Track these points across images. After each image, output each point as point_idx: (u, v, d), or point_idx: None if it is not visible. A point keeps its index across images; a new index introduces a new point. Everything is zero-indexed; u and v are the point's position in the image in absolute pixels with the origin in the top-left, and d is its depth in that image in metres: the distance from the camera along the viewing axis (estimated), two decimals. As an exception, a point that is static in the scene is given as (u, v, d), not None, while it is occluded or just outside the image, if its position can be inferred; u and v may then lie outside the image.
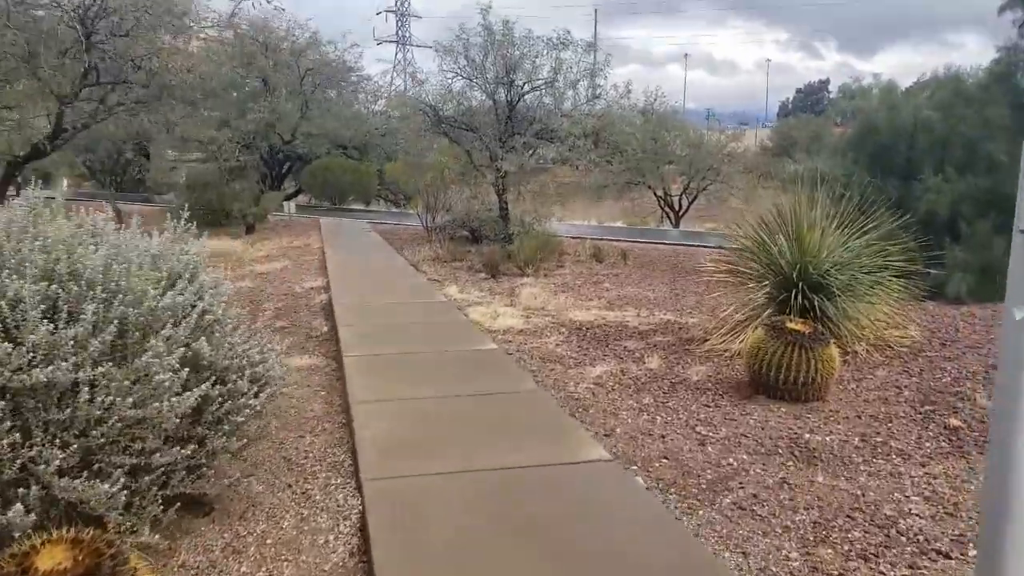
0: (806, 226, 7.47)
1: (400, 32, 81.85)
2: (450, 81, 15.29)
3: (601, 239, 16.62)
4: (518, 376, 6.22)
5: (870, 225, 7.64)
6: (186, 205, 16.03)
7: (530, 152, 15.96)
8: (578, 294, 10.77)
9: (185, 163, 18.23)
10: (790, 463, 4.72)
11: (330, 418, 5.39)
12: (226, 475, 3.77)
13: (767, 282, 7.35)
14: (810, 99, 70.44)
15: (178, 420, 3.13)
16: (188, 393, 3.05)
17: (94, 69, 6.02)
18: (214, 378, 3.33)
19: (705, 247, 16.57)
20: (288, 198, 33.15)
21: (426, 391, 5.67)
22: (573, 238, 16.12)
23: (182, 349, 3.08)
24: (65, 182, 41.86)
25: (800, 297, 6.98)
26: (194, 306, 3.31)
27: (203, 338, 3.22)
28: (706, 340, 7.66)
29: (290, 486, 4.23)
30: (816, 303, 6.94)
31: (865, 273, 7.32)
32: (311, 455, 4.72)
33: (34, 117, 6.43)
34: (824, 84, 74.16)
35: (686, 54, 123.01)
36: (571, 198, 23.10)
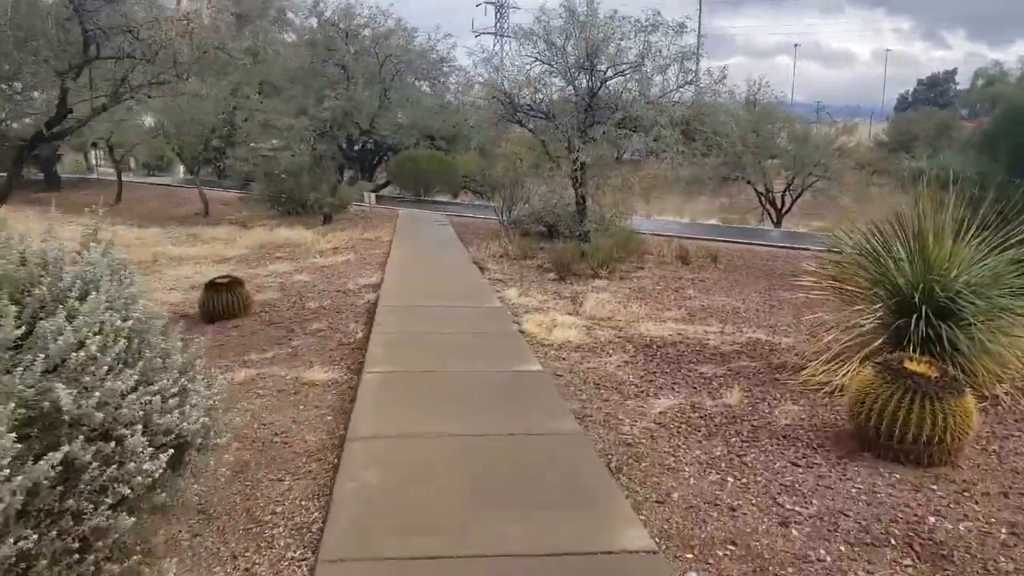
0: (932, 235, 6.01)
1: (499, 23, 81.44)
2: (528, 67, 14.22)
3: (690, 238, 15.22)
4: (561, 410, 5.12)
5: (1015, 236, 6.09)
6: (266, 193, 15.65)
7: (622, 141, 14.75)
8: (655, 302, 9.53)
9: (272, 151, 17.98)
10: (908, 563, 3.45)
11: (322, 455, 4.47)
12: (134, 552, 2.89)
13: (880, 305, 5.96)
14: (934, 91, 65.16)
15: (20, 498, 2.24)
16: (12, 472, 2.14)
17: (94, 42, 5.33)
18: (82, 437, 2.42)
19: (809, 250, 14.92)
20: (377, 189, 33.04)
21: (442, 426, 4.66)
22: (658, 236, 14.80)
23: (15, 400, 2.19)
24: (181, 169, 43.47)
25: (923, 324, 5.56)
26: (60, 335, 2.40)
27: (59, 384, 2.31)
28: (801, 368, 6.34)
29: (235, 557, 3.31)
30: (944, 333, 5.51)
31: (1010, 296, 5.81)
32: (280, 509, 3.80)
33: (35, 97, 5.83)
34: (951, 75, 68.47)
35: (796, 44, 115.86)
36: (660, 193, 21.67)
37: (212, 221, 19.66)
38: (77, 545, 2.52)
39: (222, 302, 8.35)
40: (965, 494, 4.13)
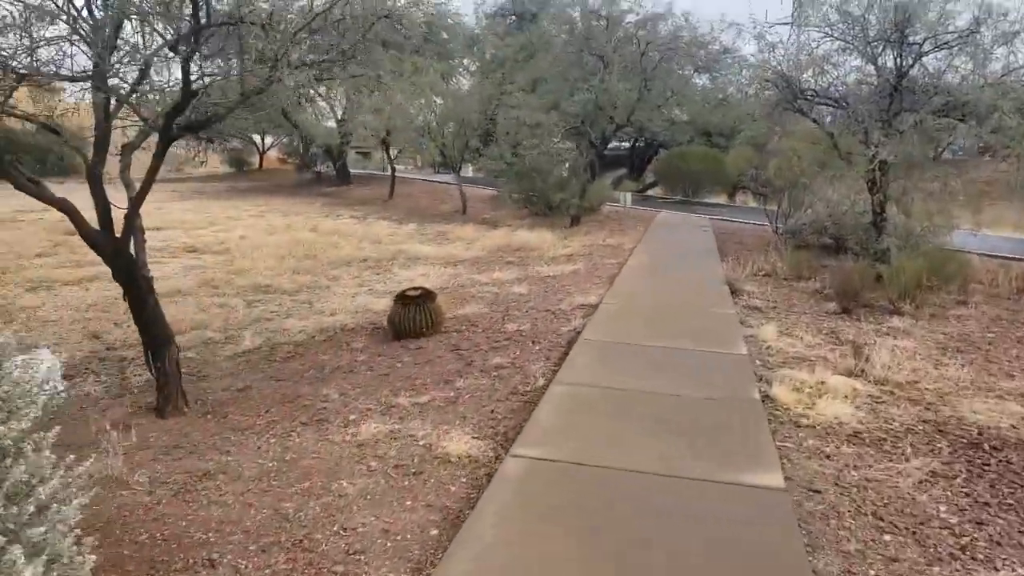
0: None
1: (796, 12, 74.73)
2: (815, 44, 11.38)
3: (1037, 263, 11.31)
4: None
5: None
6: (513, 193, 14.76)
7: (941, 133, 11.38)
8: (985, 360, 6.58)
9: (527, 150, 17.02)
10: None
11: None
12: None
13: None
14: None
15: None
16: None
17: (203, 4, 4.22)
18: None
19: None
20: (645, 189, 31.16)
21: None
22: (990, 257, 11.18)
23: None
24: (470, 168, 45.58)
25: None
26: None
27: None
28: None
29: None
30: None
31: None
32: None
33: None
34: None
35: None
36: (994, 200, 17.10)
37: (467, 220, 19.36)
38: None
39: (409, 318, 7.19)
40: None
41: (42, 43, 4.60)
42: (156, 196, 29.09)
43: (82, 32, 4.64)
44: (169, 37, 4.61)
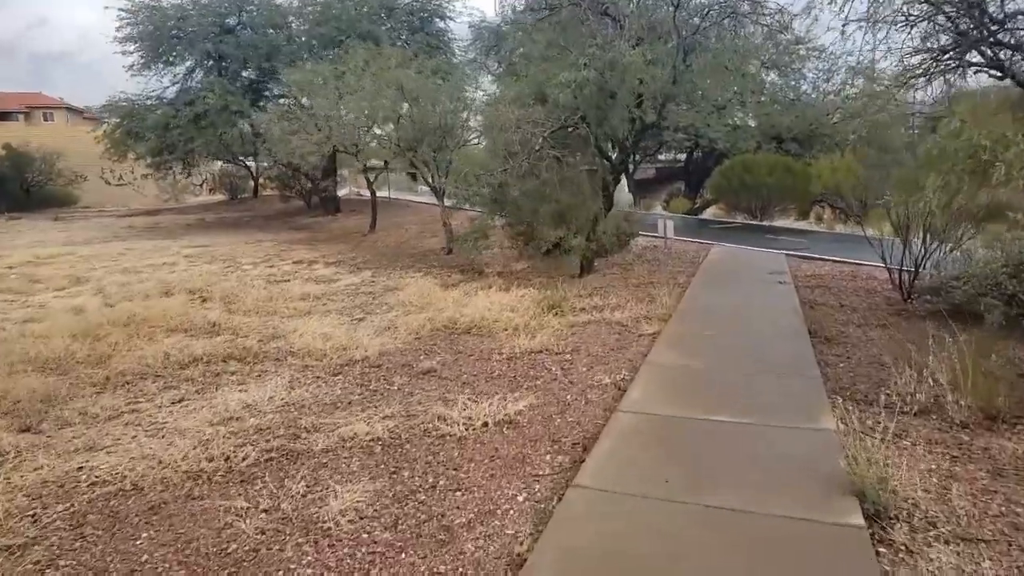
0: None
1: None
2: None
3: None
4: None
5: None
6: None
7: None
8: None
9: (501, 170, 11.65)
10: None
11: None
12: None
13: None
14: None
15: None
16: None
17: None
18: None
19: None
20: (700, 208, 25.30)
21: None
22: None
23: None
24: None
25: None
26: None
27: None
28: None
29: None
30: None
31: None
32: None
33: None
34: None
35: None
36: None
37: (445, 263, 14.11)
38: None
39: None
40: None
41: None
42: (101, 233, 24.12)
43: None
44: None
